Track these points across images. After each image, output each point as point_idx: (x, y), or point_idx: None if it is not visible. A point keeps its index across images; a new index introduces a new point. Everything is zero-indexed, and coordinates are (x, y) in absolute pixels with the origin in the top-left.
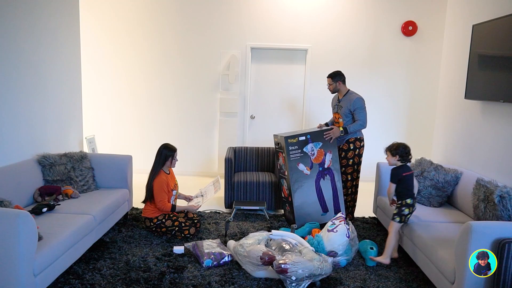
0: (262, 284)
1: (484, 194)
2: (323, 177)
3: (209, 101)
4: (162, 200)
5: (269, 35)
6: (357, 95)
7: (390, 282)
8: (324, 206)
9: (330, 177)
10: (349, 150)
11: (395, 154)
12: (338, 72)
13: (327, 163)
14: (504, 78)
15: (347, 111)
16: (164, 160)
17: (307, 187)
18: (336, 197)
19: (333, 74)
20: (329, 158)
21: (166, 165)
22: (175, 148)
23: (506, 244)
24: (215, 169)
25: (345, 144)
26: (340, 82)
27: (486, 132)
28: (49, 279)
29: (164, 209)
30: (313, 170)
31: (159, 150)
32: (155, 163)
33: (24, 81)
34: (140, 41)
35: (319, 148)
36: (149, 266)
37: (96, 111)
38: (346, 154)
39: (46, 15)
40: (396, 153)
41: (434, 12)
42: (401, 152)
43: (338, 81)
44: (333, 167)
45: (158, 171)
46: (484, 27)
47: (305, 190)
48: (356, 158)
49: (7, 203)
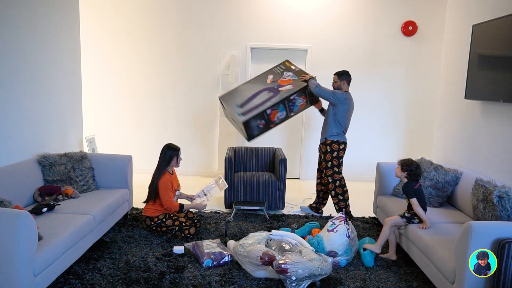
0: (262, 284)
1: (483, 194)
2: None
3: (209, 101)
4: (169, 200)
5: (269, 35)
6: (349, 94)
7: (390, 282)
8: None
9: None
10: (327, 153)
11: (405, 169)
12: (346, 72)
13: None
14: (504, 78)
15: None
16: (169, 160)
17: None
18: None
19: (341, 72)
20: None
21: (171, 165)
22: (179, 148)
23: (506, 244)
24: (215, 169)
25: (323, 146)
26: (344, 81)
27: (486, 132)
28: (49, 279)
29: (172, 209)
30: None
31: (162, 151)
32: (160, 163)
33: (24, 81)
34: (140, 41)
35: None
36: (149, 266)
37: (96, 111)
38: (325, 156)
39: (46, 15)
40: (406, 169)
41: (434, 12)
42: (411, 170)
43: (343, 80)
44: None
45: (163, 171)
46: (484, 27)
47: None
48: (335, 160)
49: (7, 203)
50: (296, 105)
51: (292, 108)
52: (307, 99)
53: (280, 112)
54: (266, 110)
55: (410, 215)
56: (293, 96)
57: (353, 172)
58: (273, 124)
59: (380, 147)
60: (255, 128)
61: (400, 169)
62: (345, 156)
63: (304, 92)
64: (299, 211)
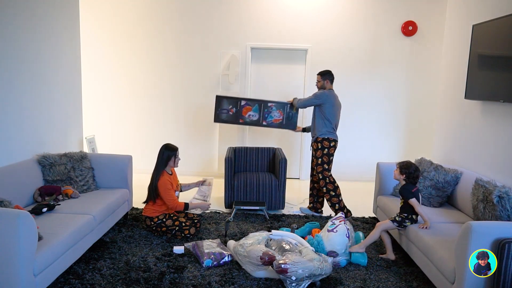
0: (262, 284)
1: (483, 194)
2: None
3: (209, 101)
4: (173, 199)
5: (269, 35)
6: (329, 91)
7: (390, 282)
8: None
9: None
10: (318, 150)
11: (403, 172)
12: (328, 71)
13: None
14: (504, 78)
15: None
16: (166, 160)
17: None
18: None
19: (324, 72)
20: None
21: (169, 165)
22: (176, 147)
23: (506, 244)
24: (215, 169)
25: (315, 143)
26: (328, 81)
27: (486, 132)
28: (49, 279)
29: (177, 208)
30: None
31: (160, 151)
32: (158, 164)
33: (24, 81)
34: (140, 41)
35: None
36: (149, 266)
37: (96, 111)
38: (316, 153)
39: (46, 15)
40: (404, 172)
41: (434, 12)
42: (410, 173)
43: (326, 79)
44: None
45: (161, 172)
46: (484, 27)
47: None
48: (325, 157)
49: (7, 203)
50: (271, 116)
51: (266, 117)
52: (283, 118)
53: (253, 112)
54: (241, 100)
55: (401, 219)
56: (270, 104)
57: (353, 172)
58: (242, 119)
59: (380, 147)
60: (225, 111)
61: (399, 172)
62: (345, 156)
63: (283, 108)
64: (299, 211)
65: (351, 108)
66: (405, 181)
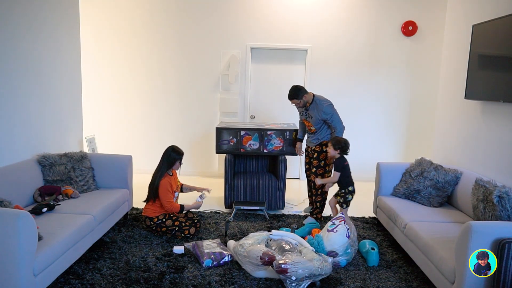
0: (262, 284)
1: (483, 194)
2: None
3: (209, 101)
4: (169, 201)
5: (269, 35)
6: (325, 101)
7: (390, 282)
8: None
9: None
10: (322, 152)
11: (337, 148)
12: (298, 88)
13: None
14: (504, 78)
15: (318, 120)
16: (171, 162)
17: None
18: None
19: (295, 93)
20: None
21: (172, 167)
22: (183, 152)
23: (506, 244)
24: (215, 169)
25: (318, 146)
26: (305, 95)
27: (486, 132)
28: (49, 279)
29: (173, 210)
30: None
31: (167, 152)
32: (161, 164)
33: (24, 81)
34: (140, 41)
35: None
36: (149, 266)
37: (96, 111)
38: (319, 155)
39: (45, 15)
40: (338, 147)
41: (434, 12)
42: (342, 146)
43: (303, 95)
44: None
45: (164, 172)
46: (484, 27)
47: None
48: (327, 160)
49: (7, 203)
50: (271, 143)
51: (266, 145)
52: (284, 144)
53: (253, 141)
54: (241, 130)
55: (343, 199)
56: (270, 132)
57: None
58: (244, 149)
59: (380, 147)
60: (225, 142)
61: (333, 149)
62: (345, 156)
63: (283, 136)
64: (299, 211)
65: (351, 108)
66: (340, 154)
